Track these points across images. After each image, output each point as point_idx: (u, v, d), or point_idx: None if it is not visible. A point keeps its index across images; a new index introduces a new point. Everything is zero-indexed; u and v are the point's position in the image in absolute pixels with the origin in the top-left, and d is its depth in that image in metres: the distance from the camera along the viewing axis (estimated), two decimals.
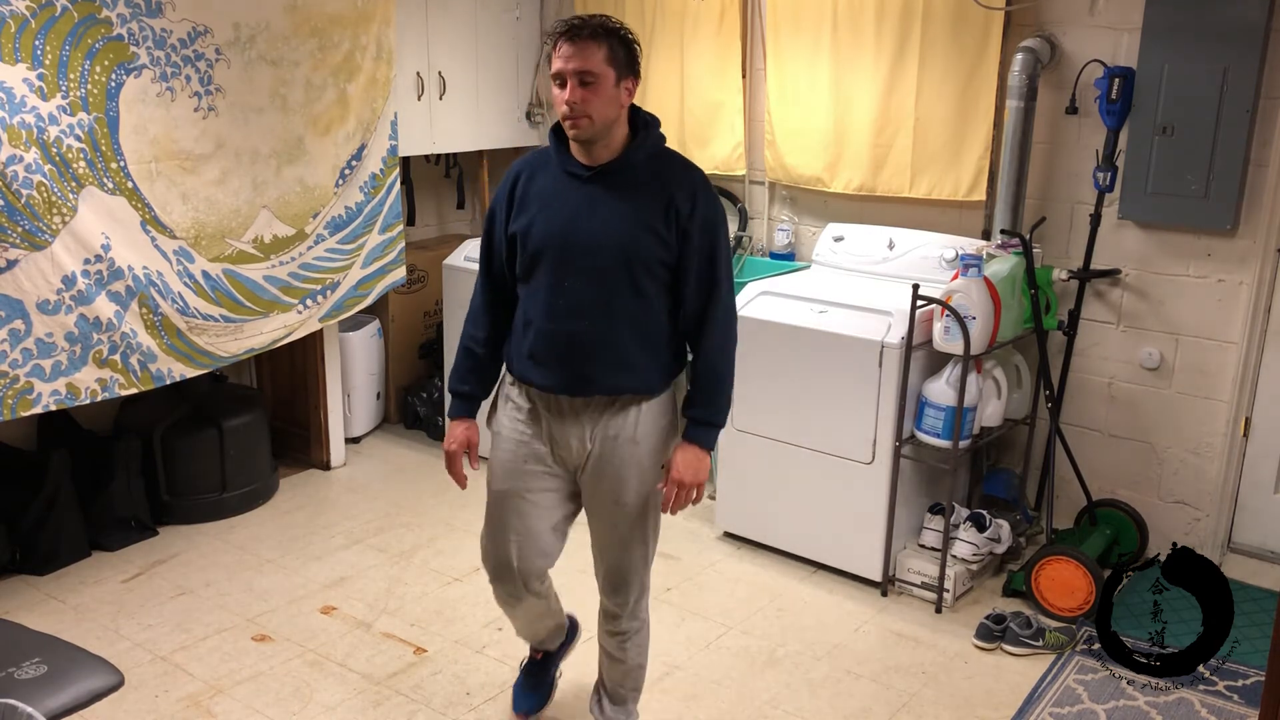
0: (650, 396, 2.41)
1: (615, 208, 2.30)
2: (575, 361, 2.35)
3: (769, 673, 3.15)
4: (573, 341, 2.34)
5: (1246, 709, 2.96)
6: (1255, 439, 3.64)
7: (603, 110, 2.24)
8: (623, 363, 2.36)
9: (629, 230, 2.29)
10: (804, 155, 4.27)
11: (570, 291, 2.33)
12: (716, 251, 2.36)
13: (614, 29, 2.25)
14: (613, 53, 2.23)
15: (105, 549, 3.78)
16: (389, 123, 4.09)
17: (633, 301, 2.33)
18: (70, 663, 2.27)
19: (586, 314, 2.33)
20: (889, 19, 3.93)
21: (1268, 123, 3.38)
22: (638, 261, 2.30)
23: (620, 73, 2.26)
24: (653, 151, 2.36)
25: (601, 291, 2.32)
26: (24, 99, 2.97)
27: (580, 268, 2.31)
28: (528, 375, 2.42)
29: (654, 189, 2.31)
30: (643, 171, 2.32)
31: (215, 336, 3.60)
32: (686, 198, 2.31)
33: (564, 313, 2.34)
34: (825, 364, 3.52)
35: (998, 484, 3.88)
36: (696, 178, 2.36)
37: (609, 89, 2.24)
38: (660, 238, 2.30)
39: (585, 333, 2.33)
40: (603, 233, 2.30)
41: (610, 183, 2.31)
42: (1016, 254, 3.53)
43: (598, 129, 2.25)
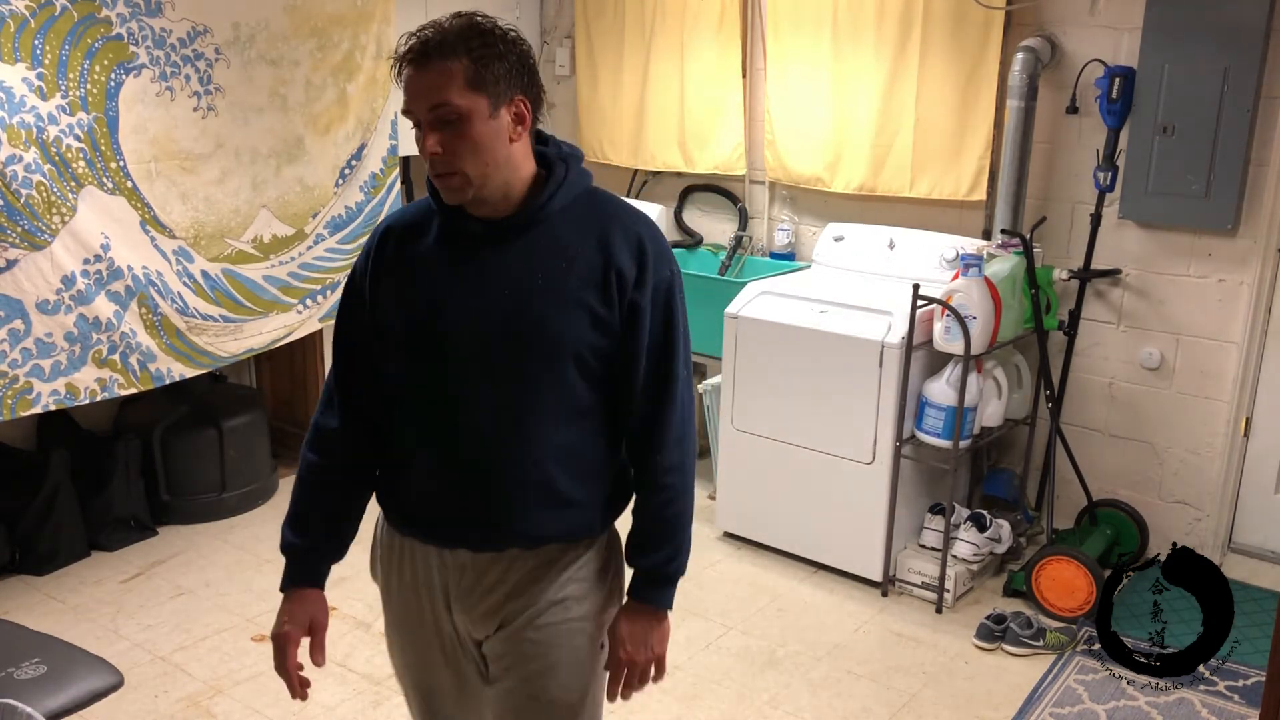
0: (585, 544, 1.74)
1: (525, 279, 1.60)
2: (475, 503, 1.67)
3: (769, 673, 3.15)
4: (470, 474, 1.66)
5: (1247, 709, 2.96)
6: (1256, 439, 3.63)
7: (479, 158, 1.54)
8: (546, 497, 1.67)
9: (547, 309, 1.59)
10: (804, 155, 4.27)
11: (464, 402, 1.64)
12: (675, 331, 1.67)
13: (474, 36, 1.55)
14: (479, 72, 1.52)
15: (105, 549, 3.78)
16: (389, 122, 4.09)
17: (555, 411, 1.64)
18: (70, 663, 2.27)
19: (488, 433, 1.64)
20: (889, 19, 3.93)
21: (1268, 122, 3.38)
22: (561, 353, 1.61)
23: (497, 96, 1.54)
24: (575, 195, 1.65)
25: (508, 400, 1.62)
26: (23, 98, 2.97)
27: (476, 368, 1.62)
28: (410, 524, 1.75)
29: (583, 248, 1.61)
30: (562, 224, 1.62)
31: (215, 336, 3.60)
32: (631, 257, 1.61)
33: (456, 433, 1.65)
34: (825, 364, 3.52)
35: (998, 484, 3.88)
36: (646, 228, 1.66)
37: (483, 124, 1.53)
38: (595, 316, 1.60)
39: (487, 460, 1.65)
40: (510, 313, 1.60)
41: (520, 243, 1.61)
42: (1017, 254, 3.53)
43: (485, 183, 1.57)
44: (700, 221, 4.72)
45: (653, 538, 1.73)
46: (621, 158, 4.80)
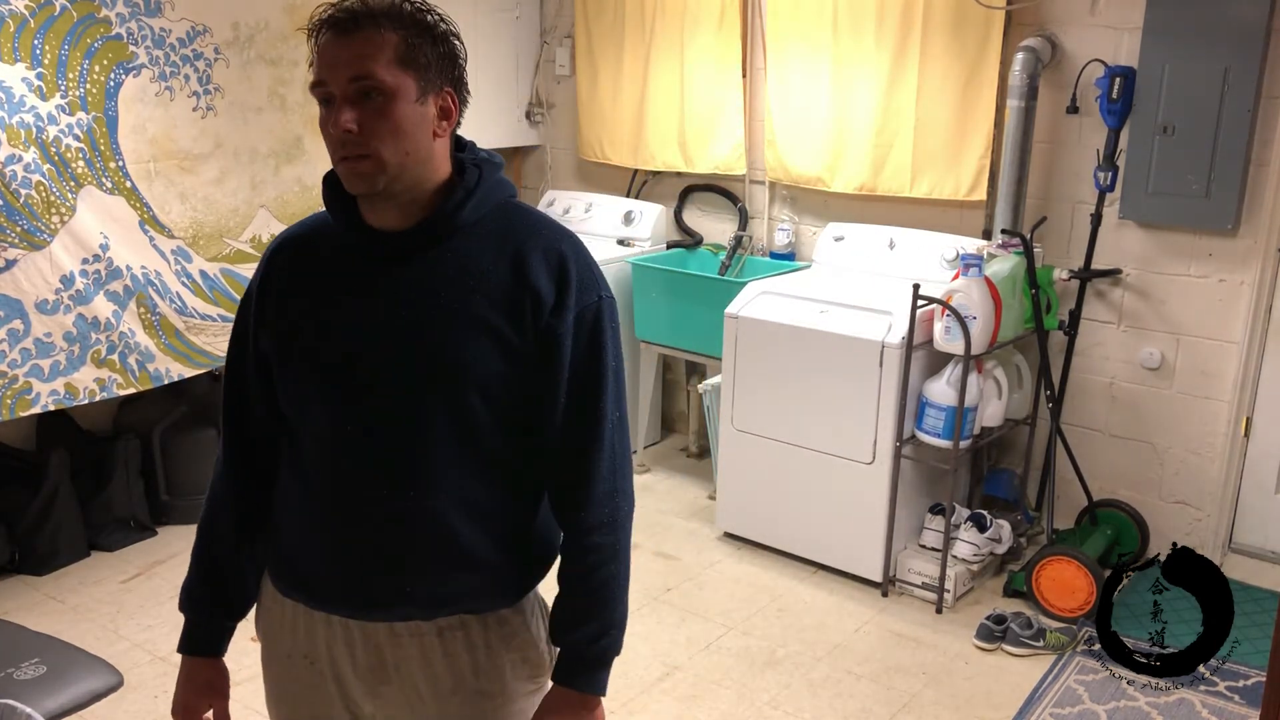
0: (501, 610, 1.50)
1: (429, 299, 1.40)
2: (369, 561, 1.45)
3: (769, 673, 3.15)
4: (360, 524, 1.44)
5: (1247, 709, 2.96)
6: (1256, 439, 3.63)
7: (399, 144, 1.34)
8: (450, 556, 1.44)
9: (448, 335, 1.39)
10: (804, 155, 4.26)
11: (355, 440, 1.43)
12: (600, 364, 1.44)
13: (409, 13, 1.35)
14: (411, 50, 1.34)
15: (104, 549, 3.77)
16: None
17: (459, 454, 1.42)
18: (69, 663, 2.26)
19: (381, 477, 1.42)
20: (889, 18, 3.93)
21: (1268, 122, 3.38)
22: (464, 386, 1.39)
23: (427, 82, 1.36)
24: (492, 206, 1.44)
25: (404, 439, 1.41)
26: (23, 98, 2.97)
27: (369, 401, 1.41)
28: (296, 586, 1.51)
29: (495, 266, 1.40)
30: (473, 239, 1.42)
31: (213, 336, 3.59)
32: (550, 278, 1.41)
33: (348, 479, 1.44)
34: (825, 364, 3.51)
35: (998, 484, 3.88)
36: (566, 244, 1.44)
37: (408, 107, 1.34)
38: (504, 344, 1.40)
39: (379, 508, 1.43)
40: (411, 339, 1.40)
41: (422, 259, 1.41)
42: (1017, 254, 3.53)
43: (392, 175, 1.35)
44: (700, 221, 4.72)
45: (578, 611, 1.46)
46: (621, 158, 4.80)
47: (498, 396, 1.41)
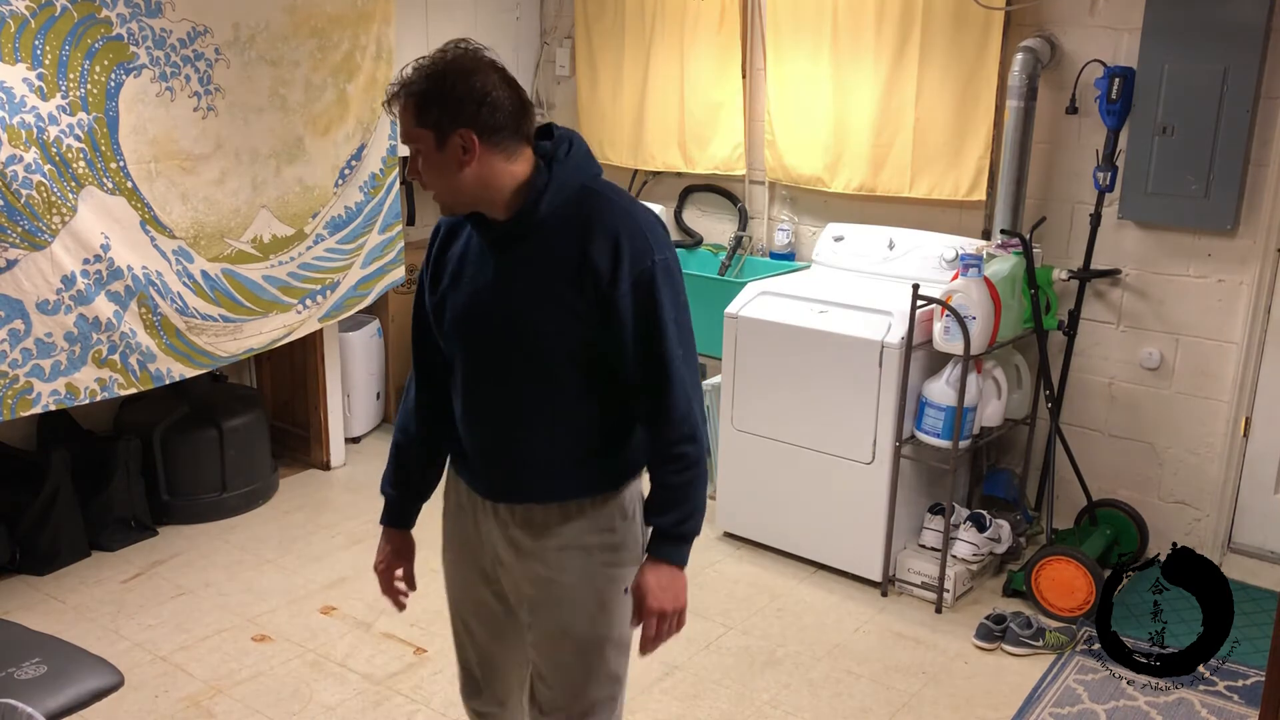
0: (604, 501, 1.93)
1: (520, 276, 1.81)
2: (500, 465, 1.92)
3: (769, 673, 3.15)
4: (494, 442, 1.91)
5: (1246, 709, 2.96)
6: (1255, 439, 3.63)
7: (439, 179, 1.78)
8: (557, 465, 1.89)
9: (534, 304, 1.79)
10: (804, 155, 4.27)
11: (484, 383, 1.89)
12: (659, 319, 1.78)
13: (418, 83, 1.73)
14: (420, 113, 1.73)
15: (105, 549, 3.78)
16: (389, 123, 4.09)
17: (549, 394, 1.84)
18: (70, 663, 2.27)
19: (494, 411, 1.89)
20: (889, 19, 3.93)
21: (1268, 123, 3.38)
22: (546, 344, 1.80)
23: (441, 131, 1.73)
24: (569, 193, 1.80)
25: (512, 382, 1.85)
26: (24, 99, 2.97)
27: (486, 354, 1.87)
28: (462, 475, 2.02)
29: (565, 244, 1.78)
30: (554, 223, 1.79)
31: (214, 336, 3.60)
32: (606, 252, 1.75)
33: (474, 409, 1.91)
34: (825, 364, 3.52)
35: (998, 484, 3.88)
36: (625, 222, 1.78)
37: (432, 154, 1.75)
38: (572, 310, 1.77)
39: (495, 434, 1.90)
40: (507, 309, 1.82)
41: (517, 244, 1.81)
42: (1016, 254, 3.53)
43: (454, 200, 1.81)
44: (700, 221, 4.73)
45: (665, 501, 1.88)
46: (621, 158, 4.81)
47: (574, 352, 1.80)
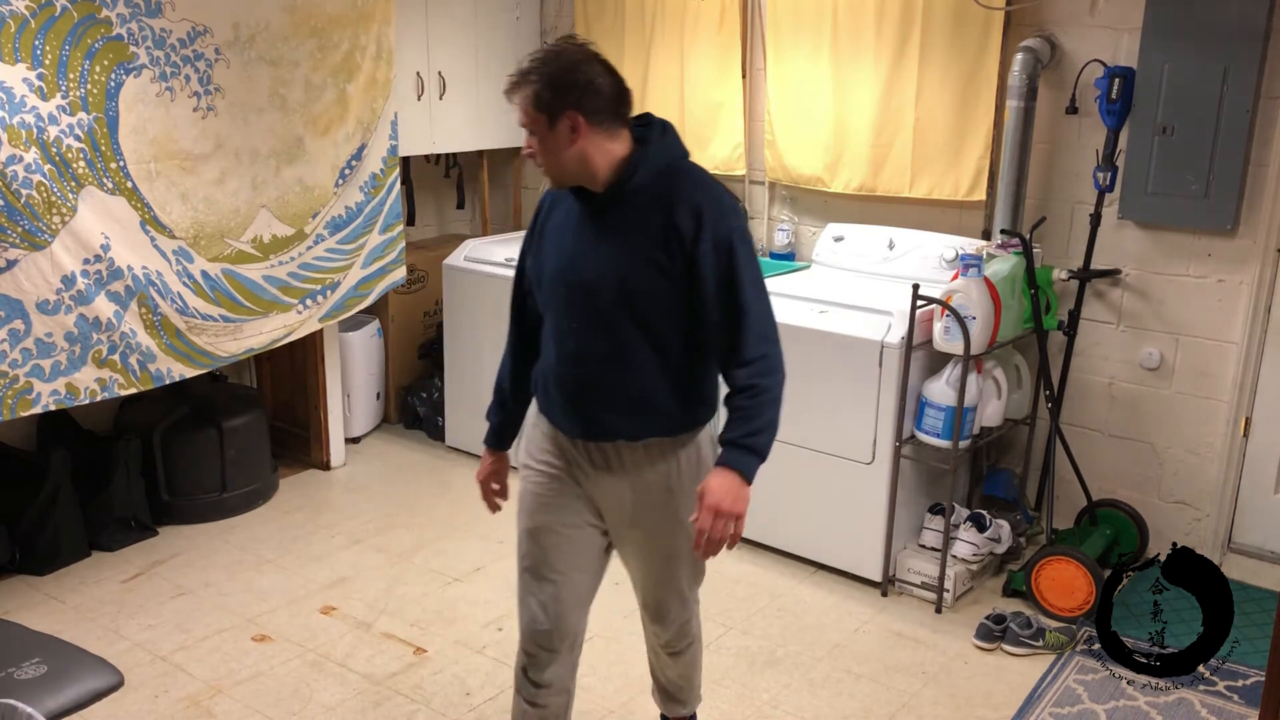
0: (682, 440, 2.24)
1: (615, 240, 2.11)
2: (591, 407, 2.19)
3: (769, 673, 3.15)
4: (586, 386, 2.19)
5: (1246, 709, 2.96)
6: (1255, 439, 3.63)
7: (550, 157, 2.09)
8: (642, 407, 2.18)
9: (627, 265, 2.10)
10: (804, 155, 4.27)
11: (578, 334, 2.17)
12: (736, 273, 2.09)
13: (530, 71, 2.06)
14: (536, 97, 2.05)
15: (105, 549, 3.78)
16: (389, 123, 4.09)
17: (642, 342, 2.13)
18: (70, 663, 2.27)
19: (593, 357, 2.17)
20: (889, 19, 3.93)
21: (1268, 123, 3.38)
22: (640, 299, 2.10)
23: (551, 113, 2.05)
24: (658, 170, 2.12)
25: (606, 333, 2.14)
26: (24, 99, 2.97)
27: (583, 308, 2.15)
28: (550, 416, 2.29)
29: (654, 214, 2.09)
30: (644, 196, 2.10)
31: (214, 336, 3.60)
32: (689, 218, 2.06)
33: (574, 356, 2.19)
34: (825, 364, 3.52)
35: (998, 484, 3.88)
36: (702, 193, 2.10)
37: (545, 133, 2.07)
38: (661, 269, 2.08)
39: (596, 377, 2.17)
40: (602, 269, 2.12)
41: (613, 213, 2.12)
42: (1016, 254, 3.53)
43: (560, 174, 2.12)
44: None
45: (738, 419, 2.13)
46: None
47: (663, 305, 2.11)
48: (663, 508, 2.25)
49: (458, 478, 4.51)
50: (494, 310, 4.46)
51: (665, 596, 2.41)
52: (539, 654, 2.33)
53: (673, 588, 2.39)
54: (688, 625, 2.48)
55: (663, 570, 2.35)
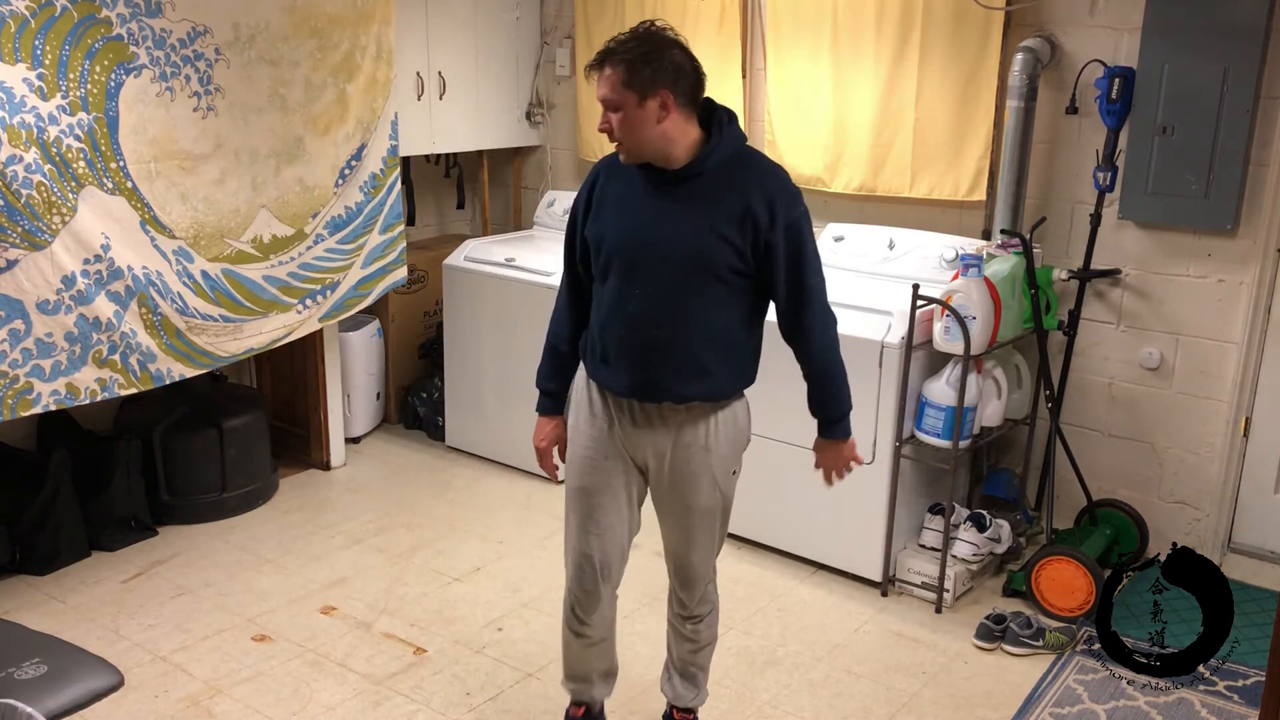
0: (722, 404, 2.42)
1: (687, 214, 2.28)
2: (645, 367, 2.34)
3: (769, 673, 3.15)
4: (643, 347, 2.33)
5: (1246, 709, 2.96)
6: (1255, 439, 3.63)
7: (634, 134, 2.24)
8: (694, 370, 2.34)
9: (700, 237, 2.27)
10: (804, 155, 4.27)
11: (641, 297, 2.32)
12: (804, 257, 2.32)
13: (628, 50, 2.21)
14: (630, 75, 2.19)
15: (105, 549, 3.78)
16: (389, 123, 4.09)
17: (704, 308, 2.31)
18: (70, 663, 2.27)
19: (657, 320, 2.32)
20: (889, 19, 3.93)
21: (1268, 123, 3.38)
22: (709, 269, 2.28)
23: (643, 92, 2.20)
24: (729, 154, 2.31)
25: (672, 298, 2.30)
26: (24, 99, 2.97)
27: (651, 274, 2.30)
28: (600, 377, 2.44)
29: (729, 196, 2.27)
30: (717, 177, 2.29)
31: (215, 336, 3.60)
32: (764, 205, 2.26)
33: (634, 318, 2.33)
34: None
35: (998, 484, 3.88)
36: (775, 182, 2.31)
37: (634, 112, 2.22)
38: (733, 246, 2.27)
39: (655, 339, 2.32)
40: (674, 239, 2.28)
41: (684, 189, 2.29)
42: (1016, 254, 3.53)
43: (640, 150, 2.27)
44: None
45: (821, 397, 2.48)
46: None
47: (727, 278, 2.29)
48: (699, 466, 2.42)
49: (458, 478, 4.52)
50: (494, 310, 4.46)
51: (695, 558, 2.55)
52: (584, 597, 2.56)
53: (702, 548, 2.54)
54: (709, 590, 2.63)
55: (695, 529, 2.50)
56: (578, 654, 2.66)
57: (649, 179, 2.31)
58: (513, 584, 3.64)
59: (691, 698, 2.74)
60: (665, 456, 2.43)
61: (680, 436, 2.41)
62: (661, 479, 2.46)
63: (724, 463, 2.46)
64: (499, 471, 4.57)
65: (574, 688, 2.73)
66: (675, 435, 2.40)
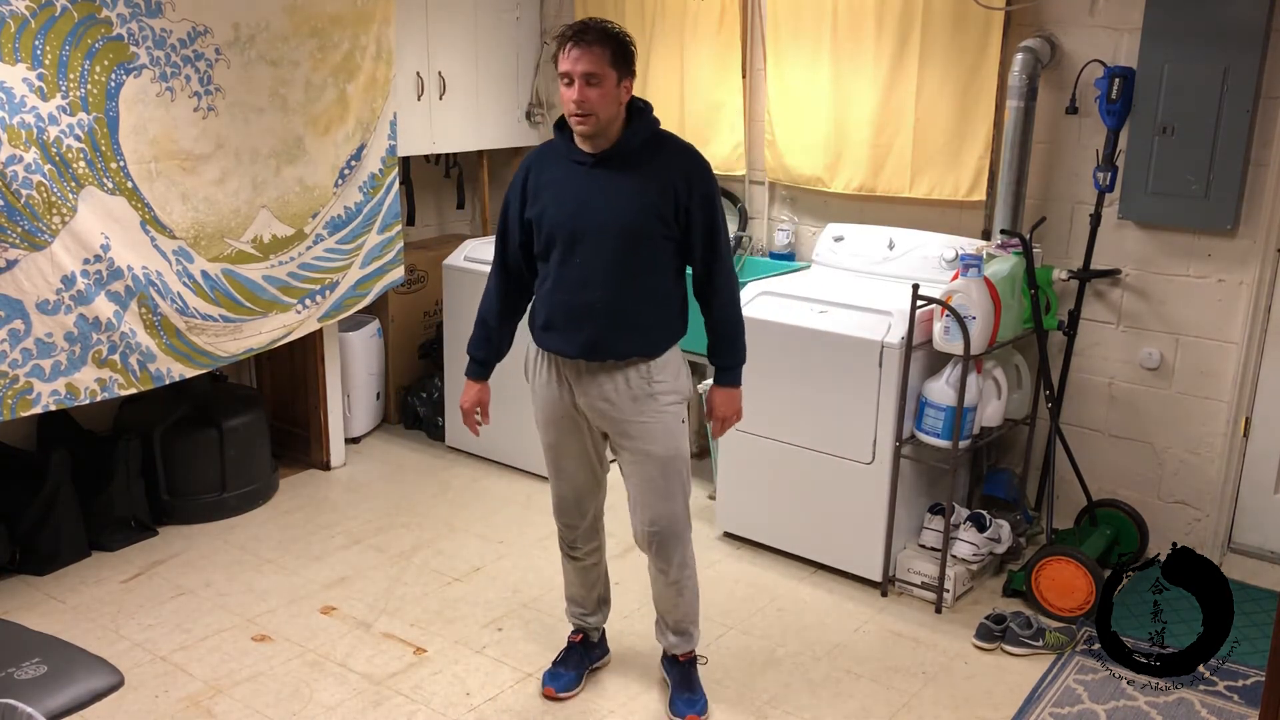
0: (658, 356, 2.70)
1: (618, 189, 2.59)
2: (589, 328, 2.63)
3: (769, 673, 3.15)
4: (586, 310, 2.62)
5: (1246, 709, 2.96)
6: (1255, 439, 3.64)
7: (606, 108, 2.51)
8: (632, 328, 2.64)
9: (632, 209, 2.58)
10: (804, 155, 4.27)
11: (582, 265, 2.61)
12: (716, 223, 2.67)
13: (615, 34, 2.52)
14: (615, 55, 2.49)
15: (105, 549, 3.78)
16: (388, 123, 4.09)
17: (638, 273, 2.62)
18: (70, 663, 2.27)
19: (598, 285, 2.61)
20: (889, 19, 3.93)
21: (1268, 123, 3.38)
22: (641, 236, 2.59)
23: (621, 73, 2.52)
24: (648, 136, 2.62)
25: (610, 265, 2.60)
26: (24, 99, 2.97)
27: (590, 245, 2.59)
28: (548, 343, 2.72)
29: (653, 171, 2.59)
30: (640, 155, 2.60)
31: (214, 336, 3.60)
32: (684, 179, 2.61)
33: (577, 285, 2.62)
34: (825, 364, 3.52)
35: (998, 484, 3.88)
36: (692, 160, 2.66)
37: (611, 88, 2.51)
38: (660, 215, 2.59)
39: (596, 301, 2.61)
40: (608, 212, 2.58)
41: (612, 167, 2.60)
42: (1016, 254, 3.53)
43: (602, 124, 2.53)
44: None
45: (721, 347, 2.78)
46: None
47: (658, 244, 2.62)
48: (649, 413, 2.70)
49: (458, 478, 4.52)
50: None
51: (672, 508, 2.77)
52: (566, 530, 2.94)
53: (674, 498, 2.78)
54: (685, 553, 2.86)
55: (663, 477, 2.75)
56: (574, 577, 3.03)
57: (578, 162, 2.61)
58: (513, 584, 3.64)
59: (686, 644, 2.97)
60: (616, 409, 2.69)
61: (628, 389, 2.68)
62: (617, 434, 2.74)
63: (672, 409, 2.73)
64: (499, 471, 4.57)
65: (574, 611, 3.08)
66: (622, 388, 2.68)
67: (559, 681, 3.00)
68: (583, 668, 3.06)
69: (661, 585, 2.89)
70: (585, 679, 3.06)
